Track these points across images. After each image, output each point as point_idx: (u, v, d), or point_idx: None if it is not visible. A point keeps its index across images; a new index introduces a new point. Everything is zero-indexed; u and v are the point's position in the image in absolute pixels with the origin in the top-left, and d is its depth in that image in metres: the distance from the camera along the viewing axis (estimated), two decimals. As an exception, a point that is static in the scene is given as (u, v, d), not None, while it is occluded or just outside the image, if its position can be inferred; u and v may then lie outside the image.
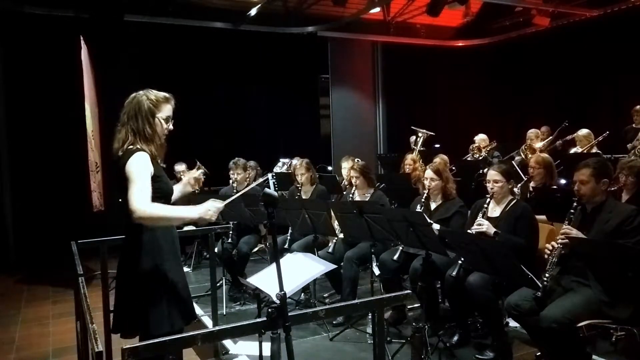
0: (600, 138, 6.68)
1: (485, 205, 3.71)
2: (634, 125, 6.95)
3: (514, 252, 3.00)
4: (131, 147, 2.32)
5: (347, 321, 4.22)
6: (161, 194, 2.35)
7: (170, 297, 2.36)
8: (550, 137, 7.75)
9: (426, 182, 4.21)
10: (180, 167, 6.85)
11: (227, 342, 3.92)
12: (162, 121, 2.40)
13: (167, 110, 2.42)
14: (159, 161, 2.41)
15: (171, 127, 2.44)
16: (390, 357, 3.56)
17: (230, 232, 5.03)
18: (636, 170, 3.86)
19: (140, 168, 2.25)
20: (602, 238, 2.95)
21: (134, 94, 2.41)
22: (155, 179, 2.31)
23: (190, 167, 6.95)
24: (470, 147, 7.74)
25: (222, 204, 2.37)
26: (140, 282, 2.33)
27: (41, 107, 7.31)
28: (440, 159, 5.86)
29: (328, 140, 10.29)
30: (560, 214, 3.32)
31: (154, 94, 2.40)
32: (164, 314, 2.33)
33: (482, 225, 3.58)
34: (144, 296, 2.32)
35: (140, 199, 2.18)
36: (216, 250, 4.74)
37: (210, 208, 2.31)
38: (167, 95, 2.44)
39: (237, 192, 5.21)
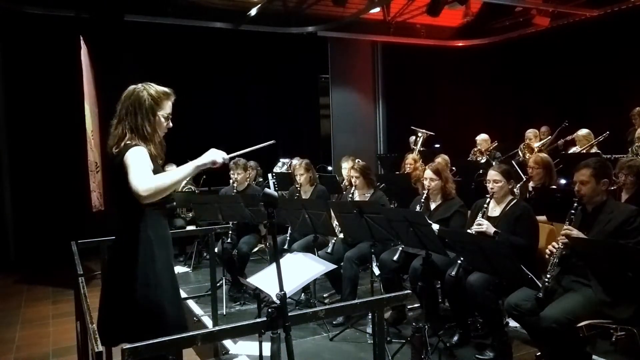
0: (600, 138, 6.67)
1: (485, 205, 3.71)
2: (635, 127, 6.93)
3: (514, 252, 3.00)
4: (129, 142, 2.21)
5: (347, 321, 4.22)
6: None
7: (162, 304, 2.23)
8: (550, 137, 7.76)
9: (425, 182, 4.21)
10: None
11: (227, 342, 3.92)
12: (163, 119, 2.28)
13: (168, 107, 2.30)
14: (158, 161, 2.30)
15: (170, 124, 2.33)
16: (390, 357, 3.56)
17: (230, 232, 5.03)
18: (636, 169, 3.86)
19: (138, 156, 2.15)
20: (603, 238, 2.95)
21: (132, 87, 2.28)
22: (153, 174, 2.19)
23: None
24: (473, 150, 7.76)
25: (222, 153, 2.25)
26: (130, 287, 2.21)
27: (41, 107, 7.32)
28: (441, 159, 5.88)
29: (328, 140, 10.29)
30: (560, 214, 3.32)
31: (154, 88, 2.28)
32: (155, 321, 2.21)
33: (481, 225, 3.58)
34: (134, 302, 2.19)
35: (142, 178, 2.08)
36: (216, 250, 4.74)
37: (212, 153, 2.21)
38: (167, 90, 2.31)
39: (237, 191, 5.24)
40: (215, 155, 2.23)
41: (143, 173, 2.11)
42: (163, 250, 2.30)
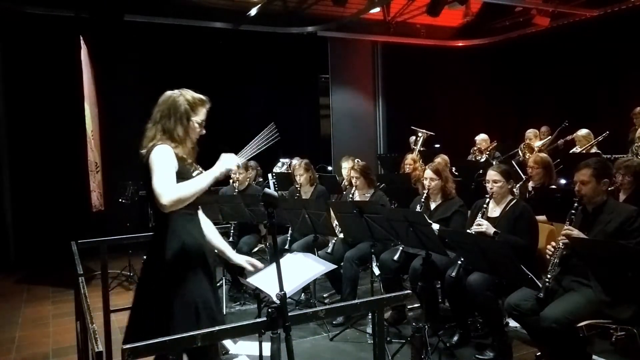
0: (600, 138, 6.67)
1: (485, 206, 3.71)
2: (636, 127, 6.93)
3: (514, 252, 3.00)
4: (158, 143, 2.22)
5: (347, 321, 4.22)
6: None
7: (198, 302, 2.24)
8: (550, 137, 7.76)
9: (426, 182, 4.21)
10: None
11: (227, 342, 3.92)
12: (197, 124, 2.30)
13: (202, 113, 2.32)
14: (186, 163, 2.28)
15: (204, 131, 2.34)
16: (390, 357, 3.56)
17: (232, 231, 5.03)
18: (633, 169, 3.86)
19: (161, 158, 2.15)
20: (603, 238, 2.95)
21: (169, 93, 2.31)
22: (178, 174, 2.20)
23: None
24: (472, 149, 7.76)
25: (235, 157, 2.26)
26: (165, 285, 2.21)
27: (41, 107, 7.31)
28: (441, 159, 5.87)
29: (328, 140, 10.28)
30: (560, 214, 3.32)
31: (190, 94, 2.30)
32: (191, 318, 2.20)
33: (481, 225, 3.58)
34: (170, 300, 2.19)
35: (164, 185, 2.08)
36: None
37: (226, 160, 2.22)
38: (203, 97, 2.33)
39: (238, 191, 5.23)
40: (229, 164, 2.23)
41: (167, 180, 2.11)
42: (196, 247, 2.29)
